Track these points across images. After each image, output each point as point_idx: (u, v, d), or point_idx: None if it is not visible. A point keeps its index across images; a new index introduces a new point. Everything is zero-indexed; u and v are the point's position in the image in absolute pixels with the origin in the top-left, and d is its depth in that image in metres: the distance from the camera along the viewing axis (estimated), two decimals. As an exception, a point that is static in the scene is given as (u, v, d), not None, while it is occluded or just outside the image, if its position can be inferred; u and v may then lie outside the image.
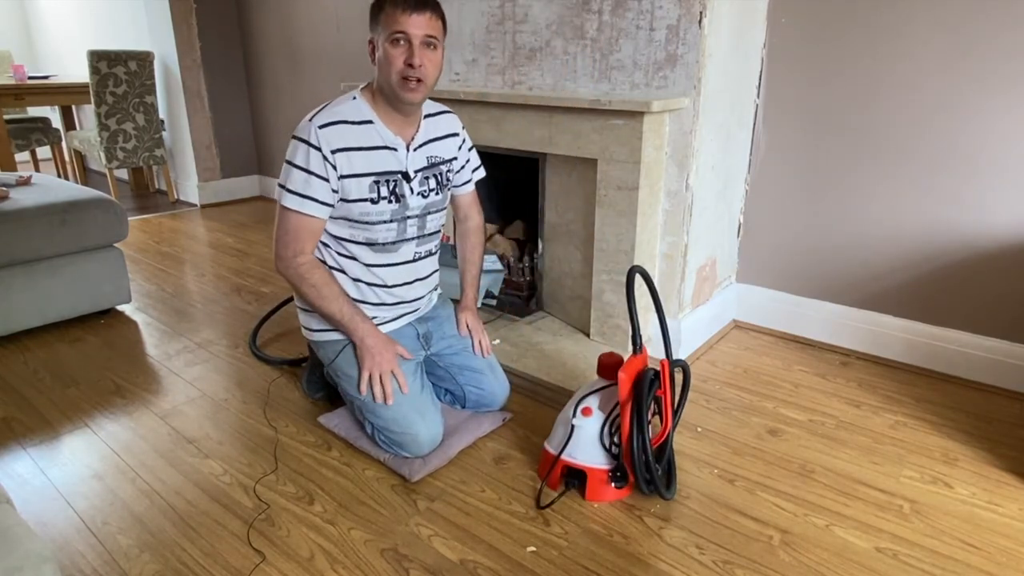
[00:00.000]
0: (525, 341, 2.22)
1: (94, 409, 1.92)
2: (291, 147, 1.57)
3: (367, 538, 1.42)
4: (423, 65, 1.51)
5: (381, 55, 1.54)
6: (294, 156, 1.56)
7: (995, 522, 1.48)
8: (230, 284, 2.93)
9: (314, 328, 1.74)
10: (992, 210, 1.97)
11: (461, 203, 1.91)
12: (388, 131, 1.62)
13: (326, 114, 1.57)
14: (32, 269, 2.31)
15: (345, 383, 1.71)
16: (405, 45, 1.50)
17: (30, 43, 5.72)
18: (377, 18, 1.53)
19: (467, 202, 1.92)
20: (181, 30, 4.01)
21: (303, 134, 1.55)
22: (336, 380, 1.75)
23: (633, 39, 1.99)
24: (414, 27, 1.49)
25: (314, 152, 1.54)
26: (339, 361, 1.71)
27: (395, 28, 1.49)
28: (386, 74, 1.54)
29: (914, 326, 2.16)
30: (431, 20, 1.51)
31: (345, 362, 1.70)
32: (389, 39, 1.51)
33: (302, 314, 1.77)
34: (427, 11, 1.50)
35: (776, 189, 2.35)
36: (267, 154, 4.49)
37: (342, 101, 1.61)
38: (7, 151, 3.92)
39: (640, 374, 1.48)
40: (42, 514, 1.49)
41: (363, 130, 1.59)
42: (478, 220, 1.94)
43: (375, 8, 1.54)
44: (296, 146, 1.56)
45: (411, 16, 1.48)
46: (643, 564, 1.35)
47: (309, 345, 1.99)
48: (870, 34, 2.04)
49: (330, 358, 1.73)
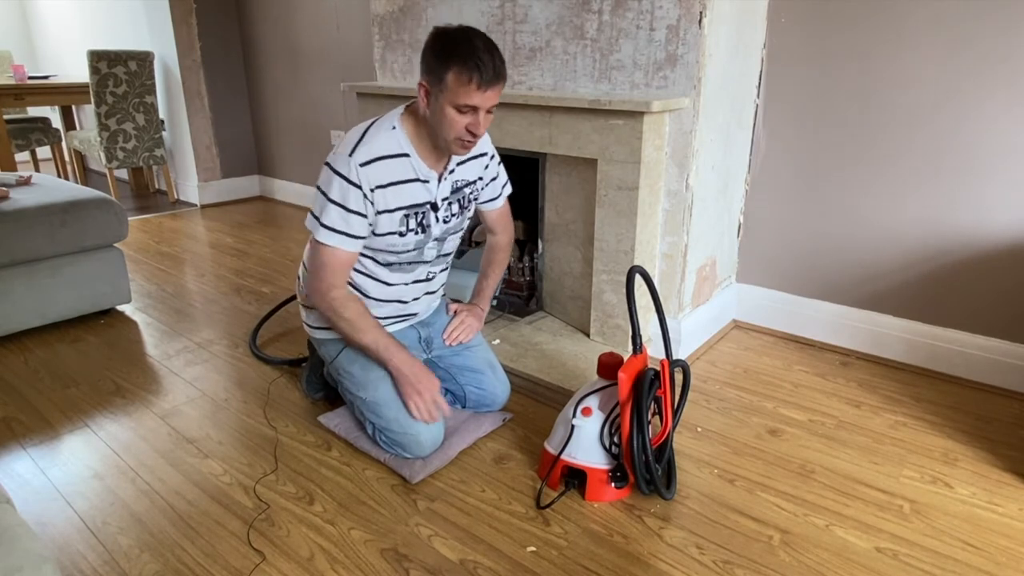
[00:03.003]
0: (525, 341, 2.22)
1: (94, 409, 1.92)
2: (327, 179, 1.50)
3: (367, 538, 1.42)
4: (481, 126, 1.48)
5: (439, 112, 1.46)
6: (330, 190, 1.50)
7: (995, 522, 1.48)
8: (230, 284, 2.93)
9: (316, 326, 1.74)
10: (992, 210, 1.97)
11: (489, 218, 1.87)
12: (423, 165, 1.57)
13: (366, 150, 1.50)
14: (32, 269, 2.31)
15: (347, 381, 1.70)
16: (470, 114, 1.45)
17: (30, 43, 5.72)
18: (441, 78, 1.42)
19: (494, 217, 1.87)
20: (181, 30, 4.01)
21: (342, 169, 1.49)
22: (337, 378, 1.75)
23: (633, 39, 1.99)
24: (486, 102, 1.44)
25: (354, 190, 1.49)
26: (341, 359, 1.71)
27: (465, 102, 1.42)
28: (442, 132, 1.48)
29: (914, 326, 2.16)
30: (500, 89, 1.46)
31: (347, 360, 1.70)
32: (454, 106, 1.44)
33: (304, 310, 1.77)
34: (499, 83, 1.44)
35: (776, 189, 2.35)
36: (267, 154, 4.49)
37: (380, 130, 1.54)
38: (7, 151, 3.92)
39: (640, 374, 1.48)
40: (42, 514, 1.49)
41: (398, 163, 1.54)
42: (506, 238, 1.90)
43: (438, 64, 1.43)
44: (333, 179, 1.49)
45: (485, 92, 1.42)
46: (643, 564, 1.35)
47: (309, 345, 1.99)
48: (870, 34, 2.04)
49: (332, 356, 1.73)
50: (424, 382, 1.62)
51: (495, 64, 1.42)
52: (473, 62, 1.39)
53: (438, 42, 1.44)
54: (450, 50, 1.41)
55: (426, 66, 1.46)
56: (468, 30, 1.44)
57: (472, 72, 1.39)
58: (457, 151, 1.52)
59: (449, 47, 1.41)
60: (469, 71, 1.39)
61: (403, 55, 2.64)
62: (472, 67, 1.39)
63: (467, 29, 1.44)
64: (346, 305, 1.57)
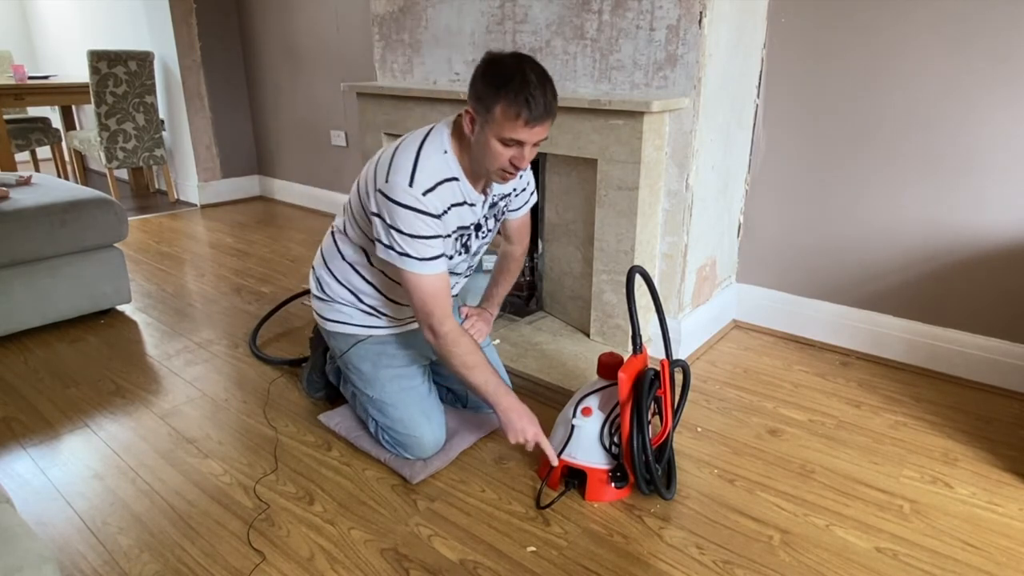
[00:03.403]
0: (525, 341, 2.22)
1: (94, 409, 1.92)
2: (393, 213, 1.42)
3: (367, 538, 1.42)
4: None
5: (483, 142, 1.41)
6: (406, 225, 1.43)
7: (995, 522, 1.48)
8: (230, 284, 2.93)
9: (330, 319, 1.70)
10: (992, 210, 1.97)
11: (510, 227, 1.81)
12: (471, 189, 1.53)
13: (423, 178, 1.44)
14: (32, 269, 2.31)
15: (355, 377, 1.70)
16: (516, 148, 1.40)
17: (30, 43, 5.72)
18: (489, 108, 1.36)
19: (515, 227, 1.81)
20: (181, 30, 4.01)
21: (408, 202, 1.42)
22: (345, 373, 1.74)
23: (633, 39, 1.99)
24: (533, 137, 1.38)
25: (428, 218, 1.44)
26: (351, 355, 1.69)
27: (511, 136, 1.37)
28: (485, 162, 1.44)
29: (914, 326, 2.16)
30: (549, 125, 1.40)
31: (357, 357, 1.69)
32: (499, 139, 1.38)
33: (319, 302, 1.72)
34: (549, 120, 1.38)
35: (776, 189, 2.35)
36: (267, 154, 4.49)
37: (433, 154, 1.47)
38: (7, 151, 3.92)
39: (640, 374, 1.48)
40: (42, 514, 1.49)
41: (450, 188, 1.49)
42: (521, 249, 1.87)
43: (488, 94, 1.36)
44: (401, 213, 1.42)
45: (533, 128, 1.36)
46: (643, 564, 1.35)
47: (310, 343, 1.99)
48: (870, 34, 2.04)
49: (342, 350, 1.71)
50: (530, 428, 1.54)
51: (546, 100, 1.35)
52: (523, 96, 1.32)
53: (489, 71, 1.37)
54: (501, 81, 1.34)
55: (475, 93, 1.39)
56: (522, 60, 1.37)
57: (522, 107, 1.33)
58: (498, 181, 1.49)
59: (500, 78, 1.34)
60: (518, 106, 1.33)
61: (403, 55, 2.64)
62: (522, 102, 1.33)
63: (521, 59, 1.37)
64: (459, 340, 1.51)
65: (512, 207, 1.75)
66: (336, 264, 1.66)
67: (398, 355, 1.70)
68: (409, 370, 1.69)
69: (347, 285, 1.66)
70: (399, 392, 1.65)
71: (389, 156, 1.48)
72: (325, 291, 1.69)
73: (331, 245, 1.69)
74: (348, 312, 1.67)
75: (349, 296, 1.66)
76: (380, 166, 1.48)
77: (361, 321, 1.68)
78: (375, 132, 2.67)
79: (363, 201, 1.53)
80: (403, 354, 1.70)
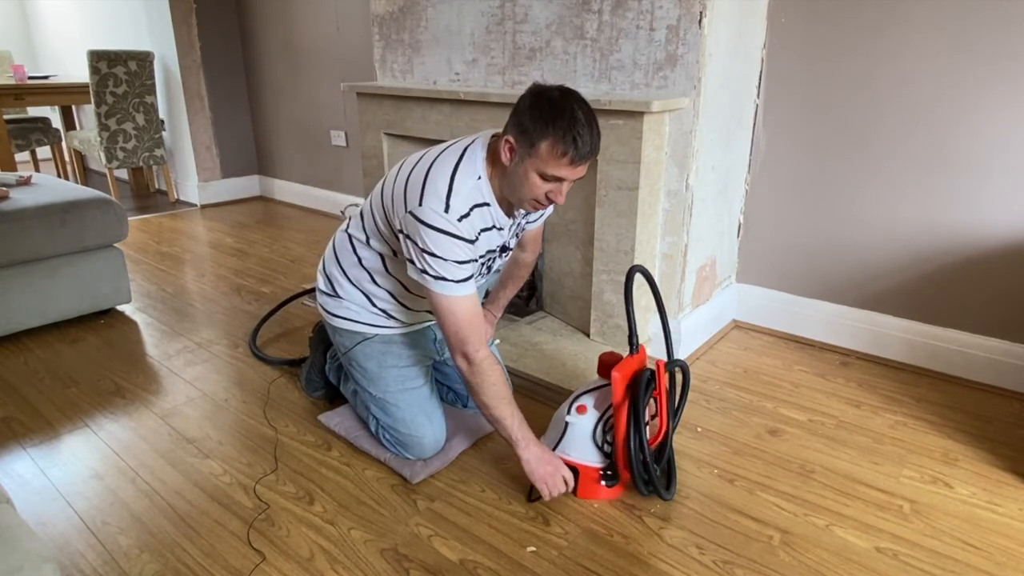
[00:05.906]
0: (525, 341, 2.22)
1: (94, 409, 1.92)
2: (427, 237, 1.40)
3: (367, 538, 1.42)
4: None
5: (522, 174, 1.38)
6: (440, 250, 1.40)
7: (995, 522, 1.48)
8: (230, 284, 2.93)
9: (338, 315, 1.69)
10: (992, 210, 1.97)
11: (526, 236, 1.80)
12: (501, 214, 1.51)
13: (458, 203, 1.41)
14: (32, 269, 2.31)
15: (358, 374, 1.70)
16: (555, 183, 1.38)
17: (30, 43, 5.72)
18: (534, 143, 1.34)
19: (530, 236, 1.81)
20: (181, 30, 4.01)
21: (443, 227, 1.39)
22: (348, 369, 1.74)
23: (633, 39, 1.99)
24: (574, 175, 1.37)
25: (463, 243, 1.42)
26: (356, 352, 1.69)
27: (554, 173, 1.35)
28: (519, 192, 1.41)
29: (914, 326, 2.16)
30: (590, 162, 1.39)
31: (362, 355, 1.68)
32: (540, 173, 1.36)
33: (326, 298, 1.71)
34: (592, 158, 1.37)
35: (776, 189, 2.35)
36: (267, 154, 4.49)
37: (467, 180, 1.43)
38: (7, 151, 3.92)
39: (636, 374, 1.48)
40: (42, 514, 1.49)
41: (482, 213, 1.47)
42: (532, 257, 1.87)
43: (534, 129, 1.33)
44: (436, 238, 1.39)
45: (576, 168, 1.35)
46: (643, 564, 1.35)
47: (310, 343, 1.99)
48: (871, 34, 2.04)
49: (347, 346, 1.71)
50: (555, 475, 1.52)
51: (592, 139, 1.34)
52: (572, 135, 1.31)
53: (537, 105, 1.34)
54: (549, 117, 1.32)
55: (519, 126, 1.36)
56: (570, 96, 1.35)
57: (569, 146, 1.31)
58: (527, 209, 1.48)
59: (549, 113, 1.32)
60: (566, 144, 1.31)
61: (403, 55, 2.64)
62: (570, 141, 1.31)
63: (569, 94, 1.35)
64: (493, 368, 1.49)
65: (531, 219, 1.73)
66: (351, 268, 1.65)
67: (403, 354, 1.70)
68: (413, 370, 1.69)
69: (361, 288, 1.66)
70: (402, 392, 1.65)
71: (422, 176, 1.44)
72: (336, 290, 1.68)
73: (348, 249, 1.66)
74: (357, 311, 1.67)
75: (361, 298, 1.66)
76: (412, 185, 1.43)
77: (370, 320, 1.68)
78: (375, 132, 2.67)
79: (388, 215, 1.51)
80: (408, 353, 1.70)
